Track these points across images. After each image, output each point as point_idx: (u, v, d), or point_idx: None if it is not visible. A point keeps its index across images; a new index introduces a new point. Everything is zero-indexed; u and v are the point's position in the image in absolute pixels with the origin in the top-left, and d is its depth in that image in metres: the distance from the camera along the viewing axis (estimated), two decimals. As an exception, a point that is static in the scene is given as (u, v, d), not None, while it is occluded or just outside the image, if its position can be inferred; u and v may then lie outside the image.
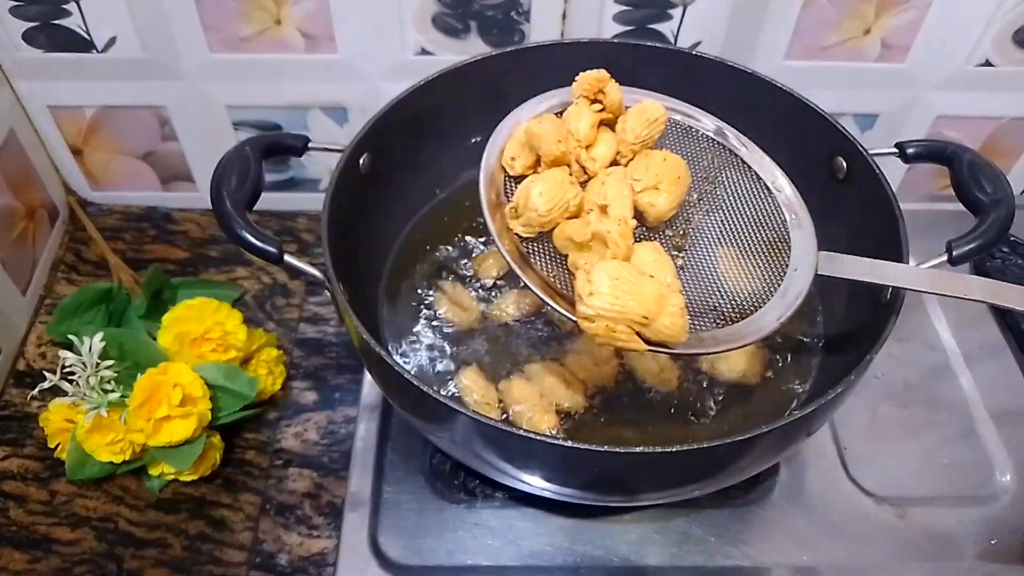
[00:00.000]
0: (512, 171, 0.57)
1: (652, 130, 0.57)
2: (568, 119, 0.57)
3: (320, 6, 0.73)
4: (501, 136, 0.58)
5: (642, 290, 0.48)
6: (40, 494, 0.68)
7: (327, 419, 0.73)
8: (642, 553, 0.63)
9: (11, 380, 0.76)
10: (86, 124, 0.83)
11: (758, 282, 0.55)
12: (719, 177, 0.60)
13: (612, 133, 0.58)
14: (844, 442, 0.70)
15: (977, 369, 0.76)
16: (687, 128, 0.61)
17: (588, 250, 0.52)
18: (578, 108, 0.57)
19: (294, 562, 0.65)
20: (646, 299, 0.48)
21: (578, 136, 0.56)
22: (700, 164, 0.60)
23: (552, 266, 0.54)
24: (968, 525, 0.66)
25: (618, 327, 0.48)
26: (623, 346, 0.49)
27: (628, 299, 0.48)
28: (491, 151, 0.57)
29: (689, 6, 0.74)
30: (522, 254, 0.54)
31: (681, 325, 0.49)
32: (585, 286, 0.48)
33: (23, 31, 0.74)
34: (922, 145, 0.64)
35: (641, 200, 0.55)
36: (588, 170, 0.56)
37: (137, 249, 0.86)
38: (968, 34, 0.77)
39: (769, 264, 0.56)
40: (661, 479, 0.56)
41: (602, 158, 0.57)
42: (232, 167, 0.57)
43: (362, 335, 0.52)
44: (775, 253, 0.56)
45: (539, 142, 0.55)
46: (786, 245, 0.56)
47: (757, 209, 0.58)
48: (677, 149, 0.60)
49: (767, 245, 0.57)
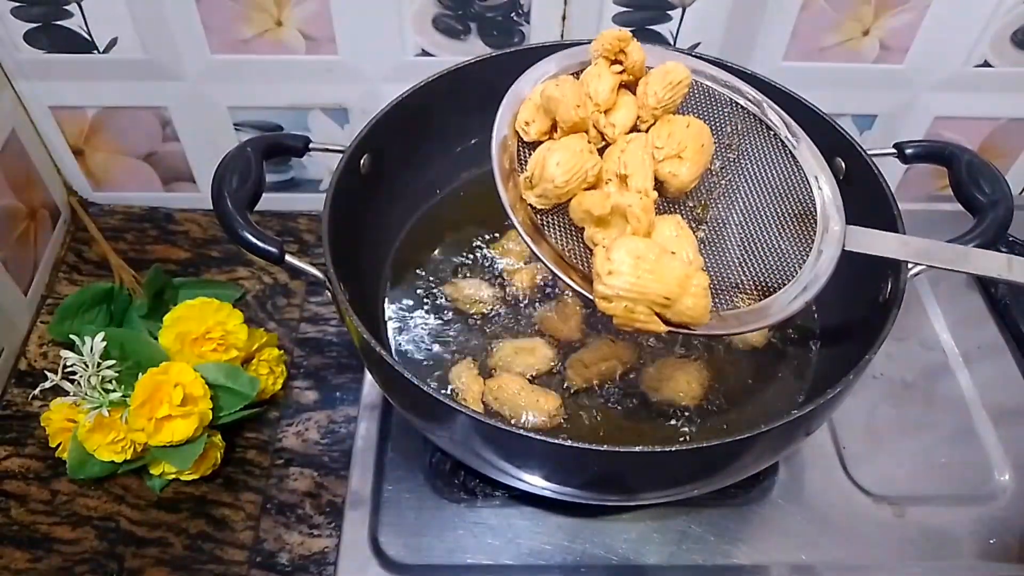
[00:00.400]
0: (527, 136, 0.53)
1: (675, 93, 0.53)
2: (587, 81, 0.53)
3: (321, 7, 0.73)
4: (514, 98, 0.54)
5: (664, 270, 0.46)
6: (41, 493, 0.68)
7: (328, 418, 0.74)
8: (641, 552, 0.64)
9: (12, 380, 0.76)
10: (87, 125, 0.83)
11: (782, 257, 0.53)
12: (742, 144, 0.56)
13: (632, 97, 0.54)
14: (843, 441, 0.71)
15: (975, 368, 0.76)
16: (708, 91, 0.58)
17: (607, 224, 0.49)
18: (597, 69, 0.54)
19: (295, 561, 0.65)
20: (668, 280, 0.46)
21: (597, 100, 0.52)
22: (723, 131, 0.56)
23: (567, 239, 0.51)
24: (966, 524, 0.66)
25: (638, 308, 0.46)
26: (642, 327, 0.47)
27: (649, 279, 0.45)
28: (503, 115, 0.54)
29: (688, 7, 0.75)
30: (536, 226, 0.51)
31: (704, 306, 0.47)
32: (604, 264, 0.46)
33: (24, 32, 0.74)
34: (921, 146, 0.64)
35: (662, 169, 0.52)
36: (607, 136, 0.53)
37: (138, 249, 0.86)
38: (966, 35, 0.77)
39: (794, 238, 0.53)
40: (660, 478, 0.56)
41: (622, 124, 0.53)
42: (233, 167, 0.57)
43: (363, 335, 0.52)
44: (800, 226, 0.53)
45: (556, 106, 0.51)
46: (812, 218, 0.53)
47: (782, 179, 0.55)
48: (698, 114, 0.57)
49: (792, 218, 0.54)
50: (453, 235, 0.73)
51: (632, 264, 0.45)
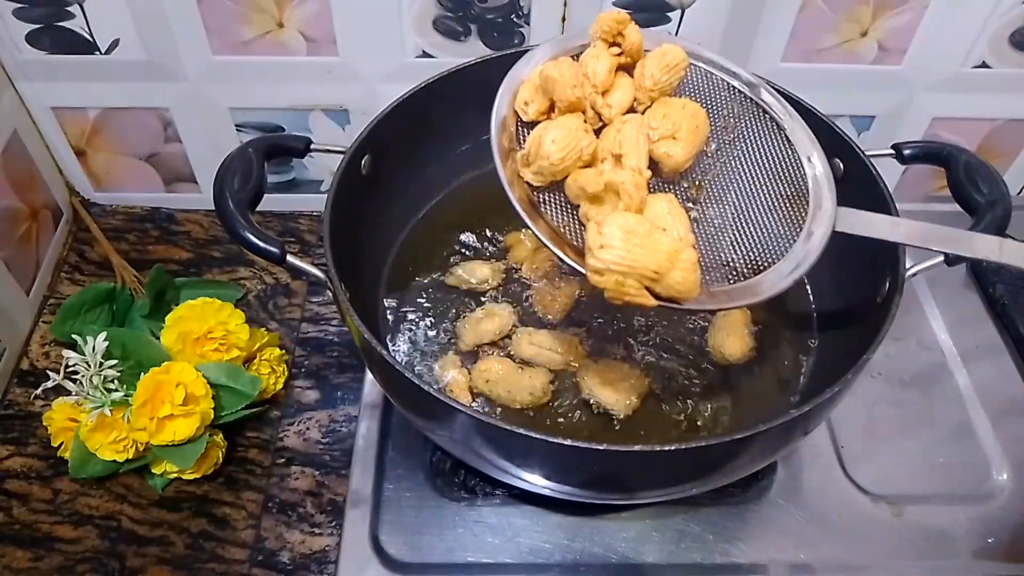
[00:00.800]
0: (525, 116, 0.54)
1: (672, 76, 0.55)
2: (585, 62, 0.54)
3: (321, 9, 0.73)
4: (515, 79, 0.55)
5: (654, 244, 0.47)
6: (43, 492, 0.69)
7: (328, 418, 0.74)
8: (640, 550, 0.64)
9: (15, 379, 0.76)
10: (89, 125, 0.83)
11: (774, 238, 0.54)
12: (738, 127, 0.57)
13: (630, 79, 0.56)
14: (841, 441, 0.71)
15: (974, 368, 0.76)
16: (706, 74, 0.59)
17: (600, 201, 0.50)
18: (596, 51, 0.55)
19: (296, 559, 0.65)
20: (658, 254, 0.47)
21: (594, 81, 0.54)
22: (719, 113, 0.58)
23: (563, 216, 0.52)
24: (964, 523, 0.66)
25: (628, 281, 0.47)
26: (632, 300, 0.48)
27: (639, 253, 0.46)
28: (504, 94, 0.55)
29: (687, 9, 0.75)
30: (532, 203, 0.52)
31: (693, 280, 0.48)
32: (596, 238, 0.47)
33: (26, 33, 0.74)
34: (919, 146, 0.64)
35: (657, 150, 0.53)
36: (603, 117, 0.54)
37: (140, 249, 0.87)
38: (964, 36, 0.78)
39: (785, 219, 0.54)
40: (659, 477, 0.56)
41: (618, 104, 0.54)
42: (235, 168, 0.57)
43: (363, 334, 0.53)
44: (792, 208, 0.54)
45: (554, 86, 0.52)
46: (804, 200, 0.54)
47: (776, 162, 0.56)
48: (695, 97, 0.58)
49: (784, 199, 0.55)
50: (453, 235, 0.74)
51: (622, 238, 0.46)
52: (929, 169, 0.87)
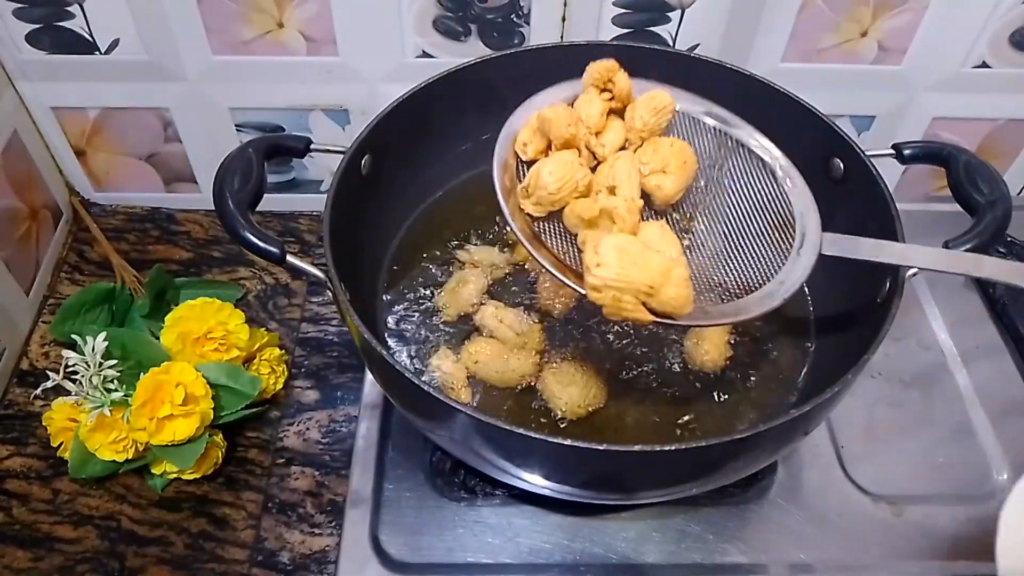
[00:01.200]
0: (524, 156, 0.58)
1: (660, 118, 0.59)
2: (578, 107, 0.58)
3: (321, 9, 0.73)
4: (514, 124, 0.59)
5: (647, 262, 0.50)
6: (43, 493, 0.69)
7: (328, 418, 0.74)
8: (640, 550, 0.64)
9: (14, 379, 0.76)
10: (89, 125, 0.83)
11: (763, 262, 0.57)
12: (725, 165, 0.61)
13: (621, 122, 0.59)
14: (841, 441, 0.71)
15: (974, 368, 0.76)
16: (695, 119, 0.62)
17: (596, 226, 0.54)
18: (588, 96, 0.59)
19: (296, 560, 0.65)
20: (651, 270, 0.49)
21: (588, 122, 0.57)
22: (707, 153, 0.61)
23: (563, 244, 0.56)
24: (964, 523, 0.66)
25: (624, 297, 0.49)
26: (629, 316, 0.50)
27: (633, 269, 0.49)
28: (504, 138, 0.59)
29: (687, 9, 0.75)
30: (534, 233, 0.56)
31: (686, 295, 0.50)
32: (592, 257, 0.49)
33: (26, 33, 0.74)
34: (919, 146, 0.64)
35: (648, 183, 0.57)
36: (597, 155, 0.58)
37: (140, 250, 0.87)
38: (964, 36, 0.78)
39: (774, 246, 0.57)
40: (659, 477, 0.56)
41: (611, 144, 0.58)
42: (235, 168, 0.57)
43: (363, 334, 0.53)
44: (779, 235, 0.57)
45: (550, 126, 0.56)
46: (790, 228, 0.57)
47: (762, 194, 0.59)
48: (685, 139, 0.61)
49: (772, 228, 0.58)
50: (453, 234, 0.74)
51: (617, 256, 0.49)
52: (929, 169, 0.87)
